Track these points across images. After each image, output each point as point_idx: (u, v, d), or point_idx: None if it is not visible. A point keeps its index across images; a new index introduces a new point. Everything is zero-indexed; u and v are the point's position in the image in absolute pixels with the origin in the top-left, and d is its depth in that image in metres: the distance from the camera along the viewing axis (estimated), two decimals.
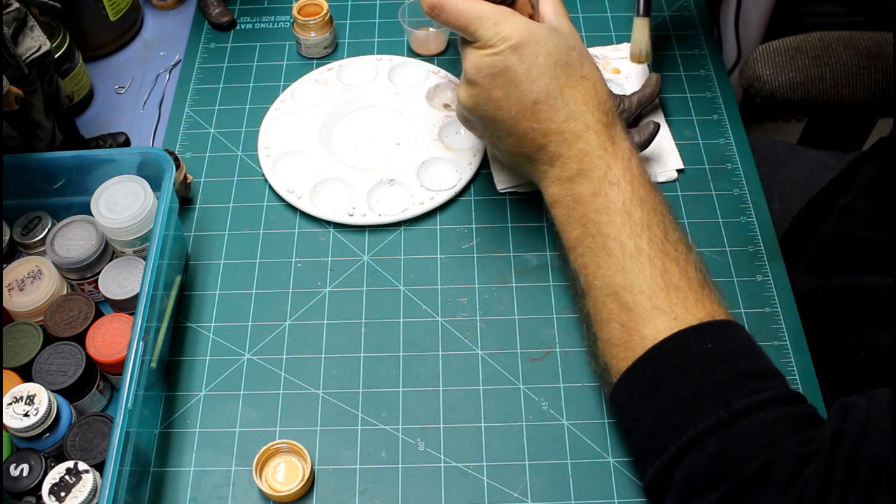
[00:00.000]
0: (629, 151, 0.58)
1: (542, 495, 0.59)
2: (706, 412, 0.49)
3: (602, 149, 0.57)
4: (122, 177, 0.64)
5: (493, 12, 0.58)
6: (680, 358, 0.51)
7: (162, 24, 0.90)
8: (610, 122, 0.59)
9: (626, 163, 0.57)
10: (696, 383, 0.50)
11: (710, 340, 0.51)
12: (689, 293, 0.53)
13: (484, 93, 0.59)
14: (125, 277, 0.64)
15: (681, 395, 0.50)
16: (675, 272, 0.54)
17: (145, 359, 0.56)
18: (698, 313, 0.52)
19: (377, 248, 0.71)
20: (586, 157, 0.57)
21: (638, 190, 0.56)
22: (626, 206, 0.56)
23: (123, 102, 0.83)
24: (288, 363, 0.65)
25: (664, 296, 0.53)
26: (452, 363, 0.65)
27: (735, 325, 0.54)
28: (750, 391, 0.49)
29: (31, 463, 0.55)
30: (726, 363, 0.51)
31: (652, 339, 0.52)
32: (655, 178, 0.74)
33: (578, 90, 0.58)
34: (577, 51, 0.60)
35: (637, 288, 0.53)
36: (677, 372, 0.51)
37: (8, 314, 0.63)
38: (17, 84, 0.61)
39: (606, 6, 0.89)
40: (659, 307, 0.53)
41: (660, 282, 0.53)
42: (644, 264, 0.54)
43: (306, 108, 0.79)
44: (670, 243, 0.55)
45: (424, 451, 0.61)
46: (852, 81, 0.91)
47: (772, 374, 0.51)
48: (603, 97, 0.59)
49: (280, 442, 0.60)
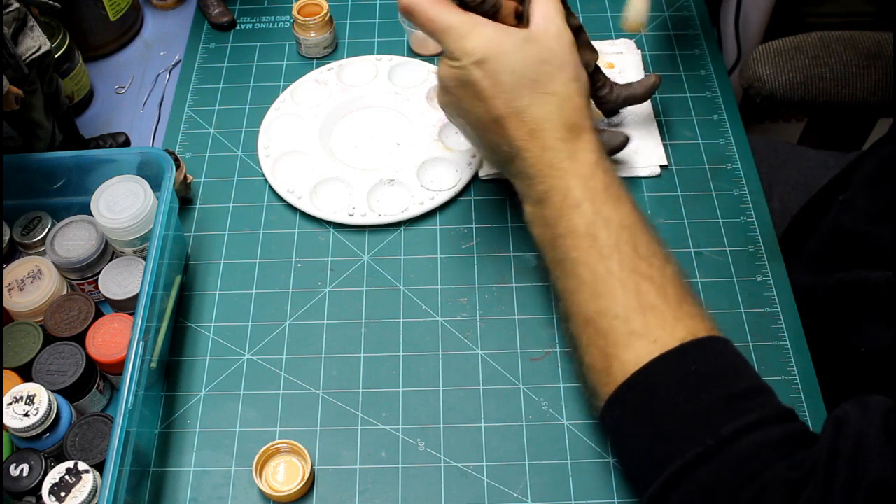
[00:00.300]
0: (592, 166, 0.56)
1: (542, 495, 0.59)
2: (693, 440, 0.47)
3: (561, 169, 0.56)
4: (122, 177, 0.64)
5: (461, 24, 0.57)
6: (663, 384, 0.50)
7: (162, 24, 0.90)
8: (573, 136, 0.56)
9: (587, 180, 0.55)
10: (682, 409, 0.49)
11: (693, 362, 0.50)
12: (666, 312, 0.51)
13: (454, 100, 0.60)
14: (125, 277, 0.64)
15: (667, 422, 0.49)
16: (651, 291, 0.52)
17: (145, 359, 0.56)
18: (678, 333, 0.51)
19: (377, 248, 0.71)
20: (548, 179, 0.56)
21: (602, 209, 0.54)
22: (590, 230, 0.54)
23: (123, 102, 0.83)
24: (288, 363, 0.65)
25: (640, 319, 0.51)
26: (452, 363, 0.65)
27: (718, 341, 0.52)
28: (737, 414, 0.47)
29: (31, 463, 0.55)
30: (711, 385, 0.49)
31: (633, 364, 0.50)
32: (637, 172, 0.74)
33: (541, 108, 0.57)
34: (550, 63, 0.57)
35: (611, 313, 0.52)
36: (662, 398, 0.50)
37: (8, 314, 0.63)
38: (17, 84, 0.61)
39: (606, 6, 0.89)
40: (636, 332, 0.51)
41: (634, 304, 0.52)
42: (616, 288, 0.52)
43: (306, 108, 0.79)
44: (643, 260, 0.53)
45: (424, 451, 0.61)
46: (852, 81, 0.91)
47: (759, 391, 0.50)
48: (569, 112, 0.57)
49: (280, 442, 0.60)
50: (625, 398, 0.51)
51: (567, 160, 0.56)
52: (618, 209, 0.55)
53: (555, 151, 0.56)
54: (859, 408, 0.47)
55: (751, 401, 0.49)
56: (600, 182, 0.55)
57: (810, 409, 0.62)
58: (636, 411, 0.50)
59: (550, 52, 0.57)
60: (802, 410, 0.62)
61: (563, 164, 0.56)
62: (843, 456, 0.44)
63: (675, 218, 0.72)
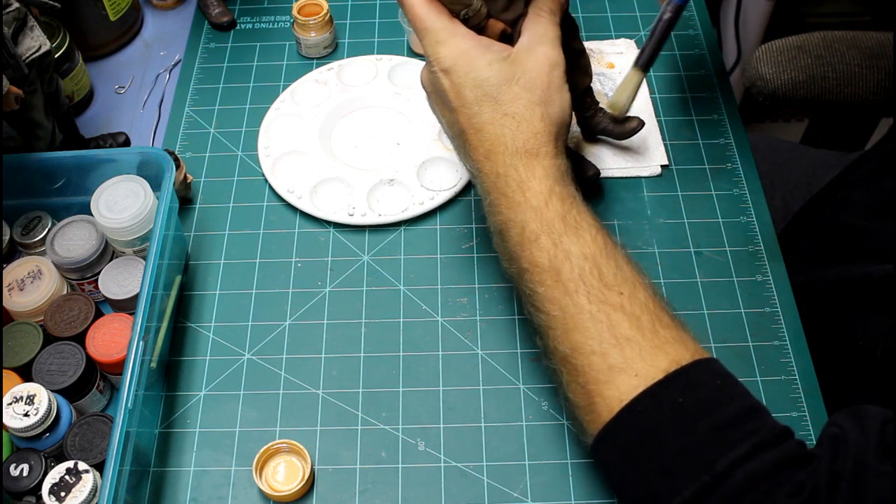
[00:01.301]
0: (545, 196, 0.54)
1: (542, 495, 0.59)
2: (689, 477, 0.46)
3: (514, 201, 0.54)
4: (122, 177, 0.64)
5: (441, 29, 0.56)
6: (651, 419, 0.48)
7: (162, 24, 0.90)
8: (526, 163, 0.55)
9: (541, 213, 0.53)
10: (674, 445, 0.47)
11: (679, 394, 0.48)
12: (643, 342, 0.50)
13: (431, 103, 0.61)
14: (125, 277, 0.64)
15: (660, 457, 0.47)
16: (623, 322, 0.50)
17: (145, 359, 0.56)
18: (660, 363, 0.49)
19: (377, 248, 0.71)
20: (504, 210, 0.55)
21: (560, 241, 0.52)
22: (553, 264, 0.52)
23: (123, 102, 0.83)
24: (288, 363, 0.65)
25: (617, 352, 0.49)
26: (452, 363, 0.65)
27: (702, 365, 0.50)
28: (731, 444, 0.46)
29: (31, 463, 0.55)
30: (701, 416, 0.47)
31: (617, 400, 0.49)
32: (638, 172, 0.74)
33: (498, 128, 0.55)
34: (518, 84, 0.55)
35: (587, 349, 0.50)
36: (651, 434, 0.48)
37: (8, 314, 0.63)
38: (17, 84, 0.61)
39: (606, 6, 0.89)
40: (615, 366, 0.49)
41: (608, 338, 0.50)
42: (587, 323, 0.50)
43: (306, 108, 0.79)
44: (611, 290, 0.51)
45: (424, 451, 0.61)
46: (854, 81, 0.91)
47: (749, 414, 0.48)
48: (525, 137, 0.55)
49: (280, 442, 0.60)
50: (613, 435, 0.49)
51: (518, 191, 0.54)
52: (578, 239, 0.53)
53: (507, 179, 0.55)
54: (855, 420, 0.46)
55: (742, 428, 0.47)
56: (555, 213, 0.53)
57: (810, 409, 0.62)
58: (627, 448, 0.49)
59: (523, 72, 0.56)
60: (802, 410, 0.62)
61: (516, 196, 0.54)
62: (844, 478, 0.43)
63: (675, 218, 0.72)
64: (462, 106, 0.56)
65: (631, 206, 0.73)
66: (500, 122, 0.55)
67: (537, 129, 0.55)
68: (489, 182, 0.56)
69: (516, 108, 0.55)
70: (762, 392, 0.63)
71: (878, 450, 0.44)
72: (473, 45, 0.56)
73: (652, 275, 0.69)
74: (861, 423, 0.46)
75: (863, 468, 0.43)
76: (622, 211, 0.73)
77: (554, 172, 0.55)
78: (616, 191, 0.74)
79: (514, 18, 0.59)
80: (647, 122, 0.77)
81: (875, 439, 0.44)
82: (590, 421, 0.51)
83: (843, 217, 0.73)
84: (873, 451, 0.44)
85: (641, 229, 0.72)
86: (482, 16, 0.58)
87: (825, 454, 0.45)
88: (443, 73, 0.56)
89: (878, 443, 0.44)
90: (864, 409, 0.47)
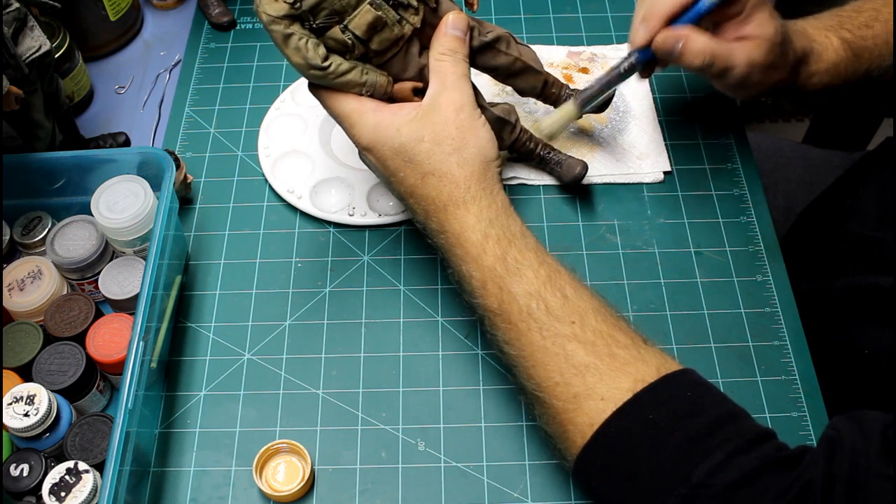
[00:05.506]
0: (480, 243, 0.54)
1: (542, 495, 0.59)
2: (666, 492, 0.46)
3: (456, 255, 0.56)
4: (122, 177, 0.64)
5: (350, 112, 0.57)
6: (624, 440, 0.49)
7: (162, 24, 0.90)
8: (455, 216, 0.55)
9: (479, 261, 0.54)
10: (648, 462, 0.47)
11: (649, 410, 0.49)
12: (601, 367, 0.50)
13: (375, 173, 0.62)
14: (125, 277, 0.64)
15: (638, 476, 0.48)
16: (579, 350, 0.51)
17: (145, 359, 0.56)
18: (622, 384, 0.49)
19: (377, 248, 0.71)
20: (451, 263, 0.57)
21: (504, 284, 0.53)
22: (502, 307, 0.53)
23: (123, 102, 0.83)
24: (288, 363, 0.65)
25: (579, 380, 0.50)
26: (452, 363, 0.65)
27: (671, 378, 0.50)
28: (705, 454, 0.46)
29: (31, 463, 0.55)
30: (672, 429, 0.48)
31: (588, 426, 0.50)
32: (641, 179, 0.74)
33: (424, 188, 0.56)
34: (427, 141, 0.56)
35: (551, 382, 0.51)
36: (627, 454, 0.49)
37: (8, 314, 0.63)
38: (17, 84, 0.61)
39: (606, 6, 0.89)
40: (580, 394, 0.50)
41: (568, 368, 0.51)
42: (545, 358, 0.52)
43: (306, 108, 0.79)
44: (562, 321, 0.52)
45: (424, 451, 0.61)
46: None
47: (724, 420, 0.48)
48: (449, 190, 0.56)
49: (280, 442, 0.60)
50: (590, 460, 0.50)
51: (458, 245, 0.55)
52: (520, 278, 0.53)
53: (446, 236, 0.56)
54: (854, 424, 0.46)
55: (714, 437, 0.47)
56: (494, 257, 0.54)
57: (810, 409, 0.62)
58: (605, 470, 0.50)
59: (430, 127, 0.56)
60: (802, 410, 0.62)
61: (457, 250, 0.55)
62: (839, 480, 0.43)
63: (675, 218, 0.72)
64: (391, 175, 0.58)
65: (631, 207, 0.73)
66: (424, 182, 0.56)
67: (457, 179, 0.56)
68: (436, 240, 0.58)
69: (433, 164, 0.56)
70: (762, 392, 0.63)
71: (881, 453, 0.44)
72: (382, 116, 0.57)
73: (652, 275, 0.69)
74: (861, 426, 0.46)
75: (862, 470, 0.43)
76: (622, 211, 0.73)
77: (487, 215, 0.55)
78: (616, 191, 0.74)
79: (419, 70, 0.59)
80: (649, 126, 0.77)
81: (877, 443, 0.44)
82: (566, 449, 0.52)
83: (853, 227, 0.73)
84: (875, 455, 0.44)
85: (641, 229, 0.72)
86: (384, 85, 0.58)
87: (820, 456, 0.45)
88: (366, 152, 0.58)
89: (880, 446, 0.44)
90: (864, 414, 0.47)
